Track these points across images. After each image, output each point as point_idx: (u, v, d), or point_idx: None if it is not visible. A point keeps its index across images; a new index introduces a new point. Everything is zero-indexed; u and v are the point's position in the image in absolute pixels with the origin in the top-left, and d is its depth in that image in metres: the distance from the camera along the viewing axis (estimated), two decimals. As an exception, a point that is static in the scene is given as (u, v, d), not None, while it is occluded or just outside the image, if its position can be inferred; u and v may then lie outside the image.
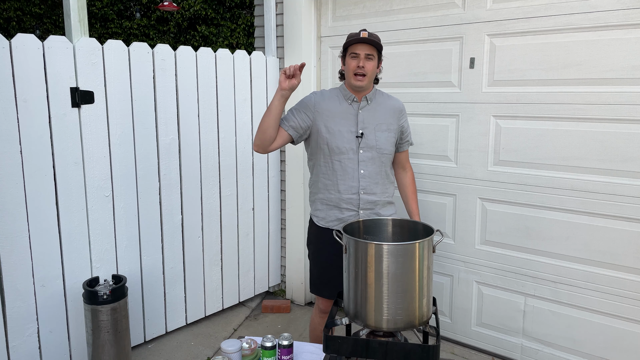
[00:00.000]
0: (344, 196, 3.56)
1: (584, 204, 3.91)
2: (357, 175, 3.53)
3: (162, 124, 4.49)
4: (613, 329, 3.90)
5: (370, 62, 3.42)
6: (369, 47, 3.41)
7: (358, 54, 3.41)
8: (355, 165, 3.52)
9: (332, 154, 3.52)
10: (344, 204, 3.58)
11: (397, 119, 3.65)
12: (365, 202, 3.57)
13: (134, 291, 4.50)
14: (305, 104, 3.58)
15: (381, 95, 3.67)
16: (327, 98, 3.60)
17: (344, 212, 3.59)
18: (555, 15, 3.85)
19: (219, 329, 5.03)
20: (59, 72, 3.81)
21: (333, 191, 3.59)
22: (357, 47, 3.41)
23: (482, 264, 4.46)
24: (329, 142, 3.51)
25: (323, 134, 3.53)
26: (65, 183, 3.95)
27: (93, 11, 13.36)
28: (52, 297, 3.99)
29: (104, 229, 4.22)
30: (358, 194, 3.55)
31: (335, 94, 3.62)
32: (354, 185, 3.54)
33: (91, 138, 4.04)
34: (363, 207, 3.57)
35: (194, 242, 4.92)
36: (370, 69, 3.43)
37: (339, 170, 3.54)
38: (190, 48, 4.63)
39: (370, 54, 3.42)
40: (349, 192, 3.55)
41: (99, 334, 3.85)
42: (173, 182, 4.65)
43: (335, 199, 3.59)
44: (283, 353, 3.08)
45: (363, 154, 3.52)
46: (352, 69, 3.44)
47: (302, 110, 3.56)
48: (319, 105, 3.56)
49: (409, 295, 2.65)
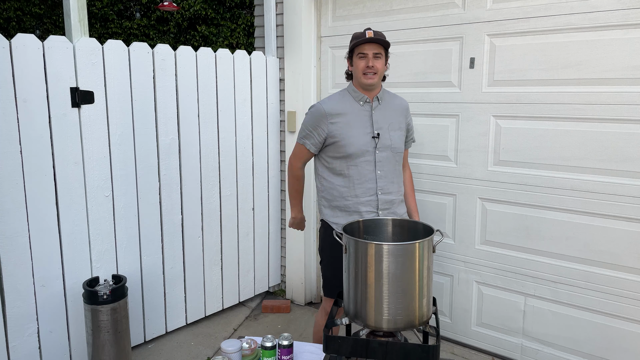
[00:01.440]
0: (362, 199, 3.55)
1: (584, 204, 3.91)
2: (375, 176, 3.53)
3: (162, 124, 4.49)
4: (613, 329, 3.91)
5: (378, 60, 3.44)
6: (376, 45, 3.42)
7: (366, 53, 3.42)
8: (372, 166, 3.52)
9: (348, 159, 3.51)
10: (363, 207, 3.56)
11: (404, 117, 3.68)
12: (384, 202, 3.57)
13: (134, 291, 4.50)
14: (319, 119, 3.55)
15: (388, 94, 3.68)
16: (337, 103, 3.57)
17: (364, 216, 3.55)
18: (555, 15, 3.86)
19: (219, 329, 5.04)
20: (59, 72, 3.82)
21: (350, 197, 3.56)
22: (364, 47, 3.42)
23: (482, 264, 4.47)
24: (347, 148, 3.49)
25: (340, 142, 3.51)
26: (65, 183, 3.95)
27: (93, 11, 13.36)
28: (52, 297, 4.00)
29: (104, 229, 4.22)
30: (376, 194, 3.55)
31: (345, 97, 3.60)
32: (371, 187, 3.54)
33: (91, 138, 4.05)
34: (382, 208, 3.58)
35: (194, 242, 4.92)
36: (380, 67, 3.45)
37: (355, 175, 3.53)
38: (190, 48, 4.63)
39: (378, 53, 3.44)
40: (367, 194, 3.54)
41: (99, 334, 3.85)
42: (173, 182, 4.65)
43: (353, 205, 3.57)
44: (283, 353, 3.08)
45: (380, 155, 3.52)
46: (361, 69, 3.44)
47: (318, 125, 3.55)
48: (331, 115, 3.52)
49: (409, 295, 2.65)
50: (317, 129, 3.55)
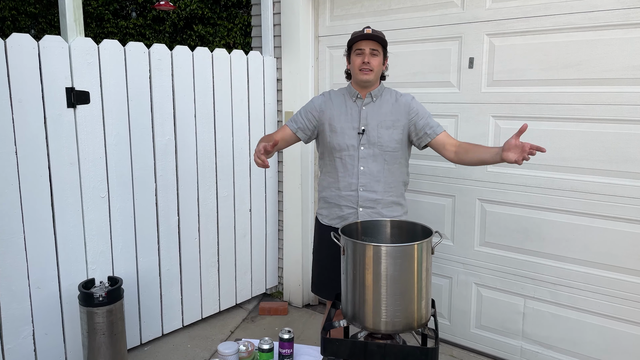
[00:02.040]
0: (342, 193, 3.59)
1: (584, 205, 3.91)
2: (357, 171, 3.55)
3: (158, 124, 4.49)
4: (613, 332, 3.91)
5: (375, 57, 3.46)
6: (374, 43, 3.44)
7: (363, 49, 3.45)
8: (355, 161, 3.54)
9: (334, 151, 3.58)
10: (343, 202, 3.60)
11: (405, 114, 3.58)
12: (365, 200, 3.56)
13: (130, 293, 4.49)
14: (313, 105, 3.69)
15: (389, 92, 3.67)
16: (334, 97, 3.67)
17: (343, 210, 3.61)
18: (554, 14, 3.86)
19: (216, 331, 5.03)
20: (54, 72, 3.81)
21: (334, 189, 3.63)
22: (362, 43, 3.45)
23: (482, 265, 4.46)
24: (331, 140, 3.57)
25: (327, 132, 3.60)
26: (61, 184, 3.94)
27: (89, 11, 13.37)
28: (47, 299, 3.99)
29: (100, 230, 4.21)
30: (357, 190, 3.55)
31: (342, 92, 3.68)
32: (353, 182, 3.56)
33: (87, 138, 4.04)
34: (362, 205, 3.57)
35: (190, 244, 4.91)
36: (376, 64, 3.47)
37: (339, 167, 3.58)
38: (186, 48, 4.63)
39: (375, 49, 3.45)
40: (348, 189, 3.57)
41: (95, 336, 3.84)
42: (169, 182, 4.65)
43: (335, 197, 3.63)
44: (283, 347, 3.09)
45: (364, 151, 3.53)
46: (357, 65, 3.47)
47: (310, 110, 3.68)
48: (325, 104, 3.64)
49: (407, 297, 2.65)
50: (307, 114, 3.68)
